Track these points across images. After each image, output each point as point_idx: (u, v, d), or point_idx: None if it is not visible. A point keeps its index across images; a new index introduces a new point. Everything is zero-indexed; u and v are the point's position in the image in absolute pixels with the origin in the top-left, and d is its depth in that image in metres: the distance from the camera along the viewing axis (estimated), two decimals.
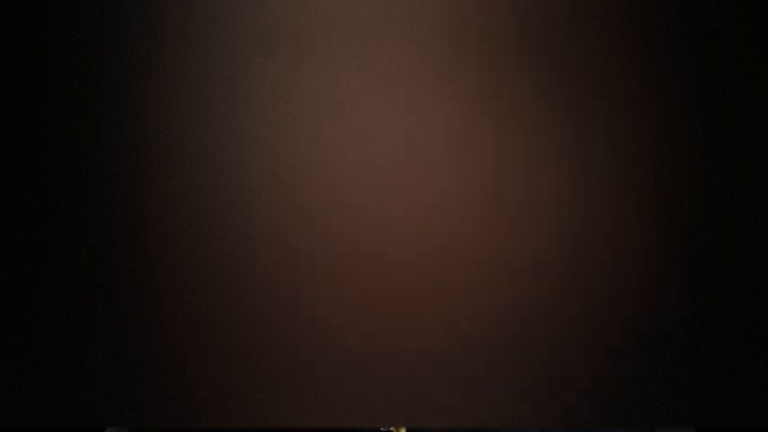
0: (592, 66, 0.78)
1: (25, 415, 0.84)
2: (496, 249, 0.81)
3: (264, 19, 0.78)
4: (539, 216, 0.81)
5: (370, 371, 0.84)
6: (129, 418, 0.84)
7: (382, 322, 0.83)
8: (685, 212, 0.81)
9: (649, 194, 0.80)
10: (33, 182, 0.80)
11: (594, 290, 0.82)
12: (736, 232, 0.81)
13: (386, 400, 0.84)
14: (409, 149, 0.80)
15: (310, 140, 0.79)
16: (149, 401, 0.84)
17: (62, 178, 0.80)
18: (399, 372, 0.84)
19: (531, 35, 0.78)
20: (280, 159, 0.80)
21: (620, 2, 0.77)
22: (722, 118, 0.79)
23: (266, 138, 0.79)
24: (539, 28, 0.78)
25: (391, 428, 0.96)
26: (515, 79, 0.78)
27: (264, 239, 0.81)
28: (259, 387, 0.84)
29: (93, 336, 0.83)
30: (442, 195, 0.80)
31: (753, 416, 0.84)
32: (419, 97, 0.79)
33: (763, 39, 0.78)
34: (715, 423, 0.84)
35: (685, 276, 0.82)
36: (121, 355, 0.83)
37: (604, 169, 0.80)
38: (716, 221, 0.81)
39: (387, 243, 0.81)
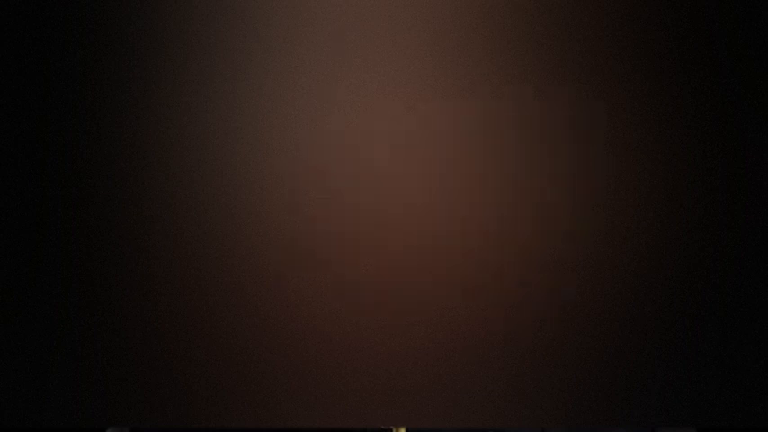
0: (592, 66, 0.78)
1: (25, 415, 0.84)
2: (496, 249, 0.81)
3: (264, 19, 0.78)
4: (538, 216, 0.81)
5: (370, 371, 0.84)
6: (129, 418, 0.84)
7: (382, 322, 0.83)
8: (685, 212, 0.81)
9: (649, 194, 0.80)
10: (33, 182, 0.80)
11: (594, 290, 0.82)
12: (736, 232, 0.81)
13: (386, 400, 0.84)
14: (409, 149, 0.80)
15: (310, 140, 0.79)
16: (149, 401, 0.84)
17: (62, 178, 0.80)
18: (399, 372, 0.84)
19: (531, 35, 0.78)
20: (280, 159, 0.80)
21: (620, 2, 0.77)
22: (722, 118, 0.79)
23: (266, 138, 0.79)
24: (539, 27, 0.78)
25: (391, 428, 0.96)
26: (515, 79, 0.79)
27: (264, 239, 0.81)
28: (259, 387, 0.84)
29: (93, 336, 0.83)
30: (442, 195, 0.80)
31: (753, 416, 0.84)
32: (419, 97, 0.79)
33: (763, 39, 0.78)
34: (715, 423, 0.84)
35: (685, 276, 0.82)
36: (121, 355, 0.83)
37: (604, 169, 0.80)
38: (716, 221, 0.81)
39: (386, 243, 0.81)
